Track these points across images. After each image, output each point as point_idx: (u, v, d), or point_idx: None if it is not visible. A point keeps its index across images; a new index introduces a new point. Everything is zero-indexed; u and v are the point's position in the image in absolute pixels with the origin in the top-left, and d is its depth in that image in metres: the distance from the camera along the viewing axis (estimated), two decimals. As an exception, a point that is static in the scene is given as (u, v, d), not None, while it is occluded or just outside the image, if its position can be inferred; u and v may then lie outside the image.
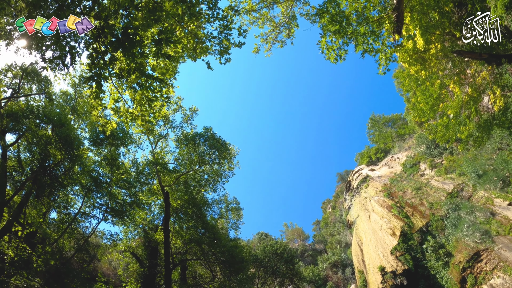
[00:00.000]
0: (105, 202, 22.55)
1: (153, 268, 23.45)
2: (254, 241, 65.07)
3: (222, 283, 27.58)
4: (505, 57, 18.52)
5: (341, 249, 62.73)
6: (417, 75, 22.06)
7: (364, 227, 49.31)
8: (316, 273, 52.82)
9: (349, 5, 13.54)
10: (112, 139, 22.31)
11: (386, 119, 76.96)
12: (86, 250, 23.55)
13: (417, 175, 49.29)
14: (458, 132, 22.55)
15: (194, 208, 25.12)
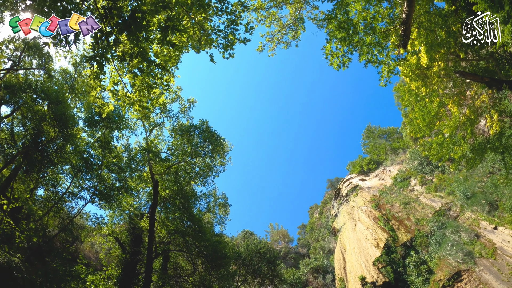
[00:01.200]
0: (94, 184, 22.44)
1: (135, 255, 23.37)
2: (238, 238, 65.15)
3: (202, 277, 27.54)
4: (507, 83, 18.64)
5: (324, 255, 62.93)
6: (417, 91, 22.14)
7: (349, 236, 49.50)
8: (297, 277, 52.94)
9: (358, 14, 13.56)
10: (107, 122, 22.20)
11: (381, 131, 77.32)
12: (70, 230, 23.42)
13: (406, 190, 49.56)
14: (451, 151, 22.68)
15: (182, 199, 25.05)
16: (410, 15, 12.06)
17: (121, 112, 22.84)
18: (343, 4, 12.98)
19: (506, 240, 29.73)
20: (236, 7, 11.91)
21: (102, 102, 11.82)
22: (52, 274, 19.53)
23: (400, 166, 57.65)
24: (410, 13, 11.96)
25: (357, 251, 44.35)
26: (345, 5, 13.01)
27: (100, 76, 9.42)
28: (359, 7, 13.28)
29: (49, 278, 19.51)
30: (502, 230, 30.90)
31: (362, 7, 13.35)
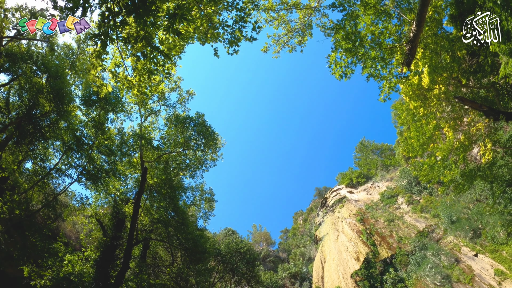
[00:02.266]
0: (83, 164, 22.29)
1: (116, 239, 23.21)
2: (220, 235, 65.04)
3: (180, 269, 27.46)
4: (504, 114, 18.80)
5: (304, 262, 63.03)
6: (415, 111, 22.27)
7: (330, 246, 49.63)
8: (274, 280, 52.97)
9: (366, 27, 13.61)
10: (103, 103, 22.06)
11: (375, 147, 77.78)
12: (54, 207, 23.23)
13: (393, 207, 49.82)
14: (442, 175, 22.83)
15: (169, 189, 24.95)
16: (417, 35, 12.12)
17: (119, 95, 22.70)
18: (353, 16, 13.03)
19: (485, 268, 30.01)
20: (246, 4, 11.90)
21: (101, 82, 11.76)
22: (30, 249, 19.39)
23: (389, 183, 57.94)
24: (418, 33, 12.02)
25: (336, 262, 44.47)
26: (355, 17, 13.06)
27: (102, 56, 9.36)
28: (369, 21, 13.34)
29: (27, 252, 19.37)
30: (482, 258, 31.17)
31: (372, 21, 13.40)
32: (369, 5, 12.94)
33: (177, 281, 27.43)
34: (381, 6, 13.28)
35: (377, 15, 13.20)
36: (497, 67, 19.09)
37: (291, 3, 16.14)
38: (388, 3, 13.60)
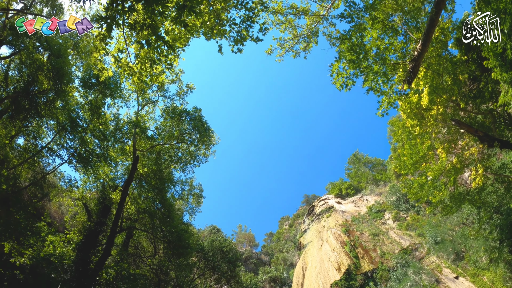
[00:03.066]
0: (75, 146, 22.16)
1: (100, 225, 23.07)
2: (204, 232, 64.96)
3: (161, 261, 27.37)
4: (499, 141, 18.97)
5: (285, 267, 63.07)
6: (411, 129, 22.38)
7: (313, 254, 49.71)
8: (254, 282, 52.95)
9: (372, 41, 13.67)
10: (102, 87, 21.96)
11: (367, 160, 78.23)
12: (41, 186, 23.06)
13: (379, 222, 50.02)
14: (431, 195, 22.94)
15: (159, 181, 24.86)
16: (422, 55, 12.19)
17: (119, 81, 22.60)
18: (360, 28, 13.07)
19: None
20: (256, 5, 11.90)
21: (103, 66, 11.68)
22: (13, 225, 19.25)
23: (378, 197, 58.18)
24: (422, 52, 12.09)
25: (318, 270, 44.54)
26: (362, 29, 13.11)
27: (106, 40, 9.33)
28: (375, 35, 13.39)
29: (10, 229, 19.23)
30: (462, 281, 31.36)
31: (378, 36, 13.46)
32: (378, 20, 13.00)
33: (157, 273, 27.33)
34: (389, 21, 13.35)
35: (384, 30, 13.26)
36: (497, 95, 19.24)
37: (300, 9, 16.17)
38: (396, 19, 13.67)
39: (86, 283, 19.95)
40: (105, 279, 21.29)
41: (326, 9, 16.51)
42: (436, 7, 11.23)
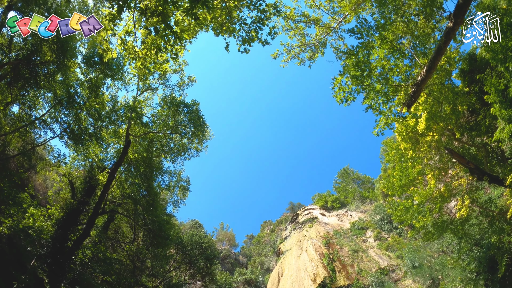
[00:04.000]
0: (69, 122, 22.00)
1: (83, 204, 22.90)
2: (186, 225, 64.73)
3: (139, 249, 27.25)
4: (489, 176, 19.15)
5: (261, 271, 63.09)
6: (404, 152, 22.51)
7: (291, 261, 49.77)
8: (229, 282, 52.89)
9: (378, 60, 13.74)
10: (104, 67, 21.83)
11: (356, 176, 78.68)
12: (29, 157, 22.84)
13: (360, 239, 50.23)
14: (415, 219, 23.10)
15: (147, 168, 24.74)
16: (425, 81, 12.27)
17: (122, 63, 22.48)
18: (368, 45, 13.14)
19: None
20: (269, 8, 11.92)
21: (108, 46, 11.64)
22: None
23: (362, 214, 58.45)
24: (426, 78, 12.18)
25: (293, 279, 44.60)
26: (370, 47, 13.18)
27: (116, 20, 9.30)
28: (382, 55, 13.47)
29: (-9, 196, 19.02)
30: (433, 309, 31.58)
31: (385, 56, 13.54)
32: (386, 40, 13.08)
33: (133, 260, 27.20)
34: (398, 43, 13.44)
35: (391, 51, 13.35)
36: (493, 130, 19.43)
37: (311, 18, 16.22)
38: (405, 42, 13.76)
39: (61, 260, 19.81)
40: (80, 259, 21.13)
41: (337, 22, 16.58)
42: (446, 36, 11.31)
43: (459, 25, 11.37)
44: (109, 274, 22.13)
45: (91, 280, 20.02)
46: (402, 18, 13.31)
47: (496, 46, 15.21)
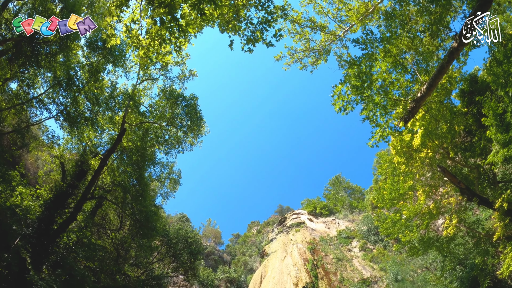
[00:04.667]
0: (66, 103, 21.89)
1: (72, 188, 22.76)
2: (173, 218, 64.57)
3: (124, 237, 27.16)
4: (479, 197, 19.27)
5: (244, 270, 63.08)
6: (397, 166, 22.63)
7: (274, 264, 49.82)
8: (211, 279, 52.86)
9: (379, 73, 13.80)
10: (106, 52, 21.72)
11: (347, 185, 78.97)
12: (23, 135, 22.69)
13: (345, 248, 50.38)
14: (401, 233, 23.21)
15: (140, 157, 24.66)
16: (424, 97, 12.34)
17: (124, 50, 22.39)
18: (371, 57, 13.19)
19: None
20: (276, 10, 11.93)
21: (113, 32, 11.58)
22: (-14, 168, 18.92)
23: (349, 223, 58.62)
24: (425, 95, 12.23)
25: (275, 281, 44.63)
26: (373, 59, 13.22)
27: (122, 7, 9.28)
28: (384, 67, 13.52)
29: (-19, 170, 18.89)
30: (412, 323, 31.72)
31: (387, 69, 13.59)
32: (390, 54, 13.12)
33: (118, 248, 27.11)
34: (401, 58, 13.49)
35: (394, 65, 13.40)
36: (487, 152, 19.56)
37: (318, 24, 16.27)
38: (408, 57, 13.82)
39: (46, 242, 19.69)
40: (65, 242, 21.02)
41: (343, 30, 16.63)
42: (449, 56, 11.37)
43: (463, 46, 11.44)
44: (92, 260, 22.04)
45: (74, 264, 19.89)
46: (408, 33, 13.38)
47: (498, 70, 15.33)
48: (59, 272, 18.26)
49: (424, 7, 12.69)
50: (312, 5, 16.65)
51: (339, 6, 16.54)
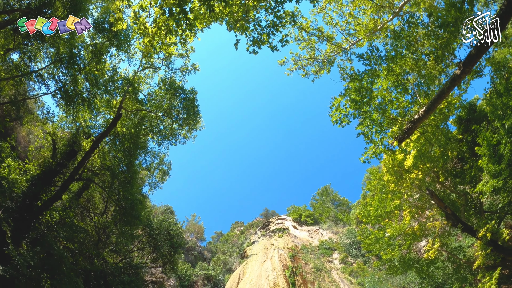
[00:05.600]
0: (65, 81, 21.73)
1: (61, 167, 22.58)
2: (158, 209, 64.30)
3: (107, 223, 27.02)
4: (463, 224, 19.44)
5: (223, 270, 63.00)
6: (387, 184, 22.75)
7: (254, 267, 49.80)
8: (189, 274, 52.73)
9: (380, 90, 13.86)
10: (112, 35, 21.62)
11: (335, 197, 79.40)
12: (18, 107, 22.53)
13: (326, 259, 50.50)
14: (383, 251, 23.34)
15: (132, 144, 24.52)
16: (421, 120, 12.41)
17: (130, 36, 22.31)
18: (374, 74, 13.24)
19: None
20: (286, 15, 11.96)
21: (121, 16, 11.55)
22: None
23: (333, 235, 58.80)
24: (423, 118, 12.31)
25: (252, 284, 44.61)
26: (375, 76, 13.28)
27: (132, -7, 9.26)
28: (385, 85, 13.59)
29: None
30: None
31: (388, 87, 13.66)
32: (393, 73, 13.19)
33: (99, 232, 26.96)
34: (403, 78, 13.56)
35: (395, 84, 13.47)
36: (477, 181, 19.75)
37: (326, 34, 16.35)
38: (410, 78, 13.90)
39: (28, 218, 19.53)
40: (47, 220, 20.84)
41: (350, 44, 16.71)
42: (451, 82, 11.45)
43: (466, 74, 11.51)
44: (73, 242, 21.90)
45: (53, 243, 19.73)
46: (413, 54, 13.46)
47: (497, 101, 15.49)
48: (38, 249, 18.10)
49: (432, 31, 12.77)
50: (322, 15, 16.75)
51: (349, 19, 16.65)
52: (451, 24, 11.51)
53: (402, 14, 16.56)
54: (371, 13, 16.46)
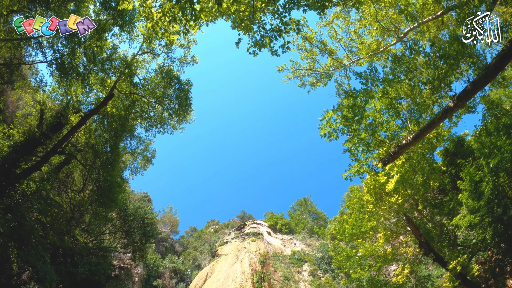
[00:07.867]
0: (63, 52, 21.46)
1: (45, 137, 22.23)
2: (136, 195, 63.63)
3: (83, 201, 26.69)
4: (435, 254, 19.66)
5: (192, 265, 62.66)
6: (365, 204, 22.92)
7: (223, 267, 49.70)
8: (157, 264, 52.31)
9: (372, 111, 13.98)
10: (117, 14, 21.45)
11: (313, 210, 79.79)
12: (12, 71, 22.13)
13: (295, 269, 50.60)
14: (353, 269, 23.47)
15: (120, 127, 24.27)
16: (408, 146, 12.53)
17: (134, 17, 22.17)
18: (369, 94, 13.35)
19: None
20: (292, 22, 12.00)
21: (128, -5, 11.49)
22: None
23: (306, 247, 58.97)
24: (410, 144, 12.43)
25: (219, 283, 44.50)
26: (370, 96, 13.39)
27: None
28: (378, 107, 13.71)
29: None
30: None
31: (380, 109, 13.79)
32: (388, 96, 13.30)
33: (73, 210, 26.63)
34: (397, 102, 13.69)
35: (388, 107, 13.59)
36: (454, 214, 20.00)
37: (328, 48, 16.46)
38: (403, 104, 14.04)
39: (4, 184, 19.20)
40: (23, 189, 20.46)
41: (350, 61, 16.84)
42: (443, 114, 11.58)
43: (459, 108, 11.67)
44: (45, 215, 21.55)
45: (26, 214, 19.40)
46: (410, 81, 13.60)
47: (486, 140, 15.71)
48: (9, 218, 17.78)
49: (433, 61, 12.91)
50: (327, 28, 16.88)
51: (353, 37, 16.80)
52: (452, 57, 11.65)
53: (406, 40, 16.78)
54: (375, 34, 16.63)
